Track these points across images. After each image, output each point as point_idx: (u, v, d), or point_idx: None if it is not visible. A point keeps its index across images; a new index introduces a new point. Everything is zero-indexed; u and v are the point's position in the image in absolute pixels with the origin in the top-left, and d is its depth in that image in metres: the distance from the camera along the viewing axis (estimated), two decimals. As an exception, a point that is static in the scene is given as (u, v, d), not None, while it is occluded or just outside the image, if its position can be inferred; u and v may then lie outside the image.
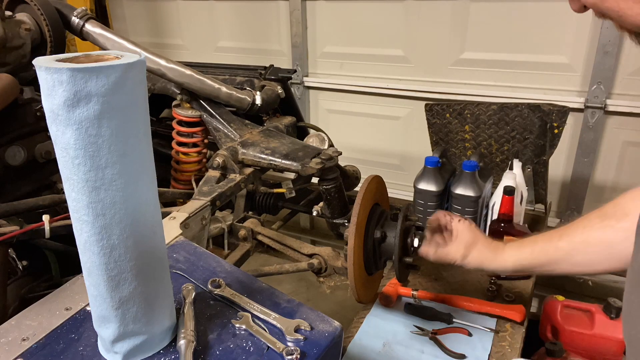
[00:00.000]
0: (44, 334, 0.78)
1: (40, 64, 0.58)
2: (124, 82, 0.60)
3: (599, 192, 2.48)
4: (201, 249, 1.02)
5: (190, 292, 0.85)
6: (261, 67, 1.85)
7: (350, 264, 1.19)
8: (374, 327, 1.44)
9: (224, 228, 1.47)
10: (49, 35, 1.42)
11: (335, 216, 1.51)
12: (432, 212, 1.76)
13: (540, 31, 2.35)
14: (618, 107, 2.28)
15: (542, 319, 1.80)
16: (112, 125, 0.61)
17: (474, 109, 2.05)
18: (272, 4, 3.03)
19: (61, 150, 0.62)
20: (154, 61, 1.49)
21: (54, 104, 0.59)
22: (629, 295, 0.73)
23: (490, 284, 1.54)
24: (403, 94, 2.78)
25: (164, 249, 0.76)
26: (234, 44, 3.28)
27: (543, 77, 2.42)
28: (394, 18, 2.68)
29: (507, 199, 1.62)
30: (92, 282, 0.70)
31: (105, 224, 0.65)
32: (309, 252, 1.45)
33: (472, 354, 1.31)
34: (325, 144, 1.64)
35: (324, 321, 0.83)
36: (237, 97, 1.64)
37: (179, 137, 1.65)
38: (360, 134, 3.02)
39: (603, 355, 1.64)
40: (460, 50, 2.58)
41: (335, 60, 2.96)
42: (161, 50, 2.60)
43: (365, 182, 1.25)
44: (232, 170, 1.44)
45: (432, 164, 1.76)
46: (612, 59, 2.21)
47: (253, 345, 0.77)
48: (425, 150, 2.24)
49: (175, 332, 0.79)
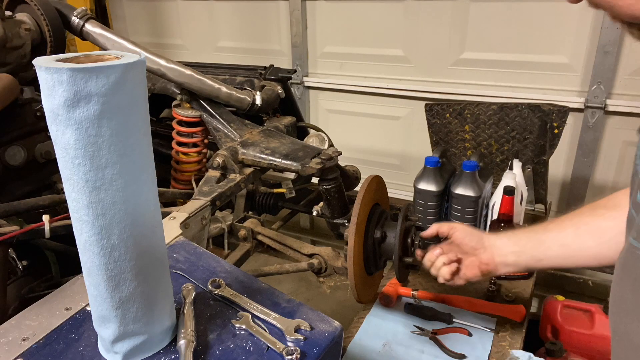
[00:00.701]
0: (44, 334, 0.78)
1: (40, 64, 0.58)
2: (124, 82, 0.60)
3: (599, 192, 2.48)
4: (201, 249, 1.02)
5: (190, 292, 0.85)
6: (261, 67, 1.85)
7: (350, 264, 1.19)
8: (374, 327, 1.44)
9: (224, 228, 1.47)
10: (49, 35, 1.42)
11: (335, 216, 1.51)
12: (432, 212, 1.78)
13: (540, 31, 2.35)
14: (618, 107, 2.28)
15: (542, 319, 1.81)
16: (112, 125, 0.61)
17: (474, 109, 2.05)
18: (272, 4, 3.03)
19: (61, 150, 0.62)
20: (154, 61, 1.49)
21: (54, 104, 0.59)
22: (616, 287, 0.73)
23: (490, 284, 1.54)
24: (403, 94, 2.78)
25: (164, 249, 0.76)
26: (234, 44, 3.28)
27: (543, 77, 2.42)
28: (394, 18, 2.68)
29: (507, 199, 1.62)
30: (92, 282, 0.69)
31: (105, 224, 0.65)
32: (309, 252, 1.46)
33: (472, 354, 1.31)
34: (325, 144, 1.64)
35: (324, 321, 0.83)
36: (237, 97, 1.64)
37: (179, 137, 1.65)
38: (360, 134, 3.02)
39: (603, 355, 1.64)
40: (460, 50, 2.58)
41: (335, 60, 2.96)
42: (161, 50, 2.60)
43: (365, 182, 1.25)
44: (232, 170, 1.44)
45: (432, 164, 1.76)
46: (612, 59, 2.21)
47: (253, 345, 0.77)
48: (425, 150, 2.24)
49: (175, 332, 0.79)
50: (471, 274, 1.16)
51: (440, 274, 1.16)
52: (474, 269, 1.16)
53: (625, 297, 0.70)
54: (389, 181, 1.45)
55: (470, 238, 1.16)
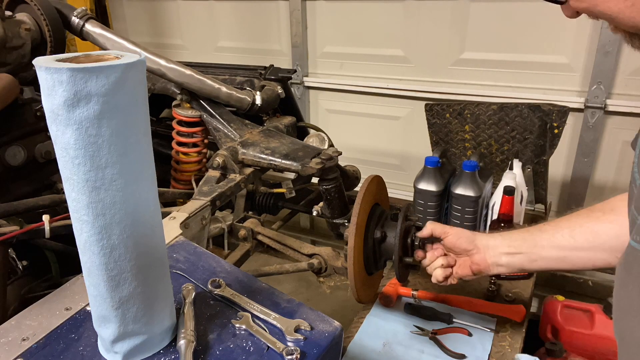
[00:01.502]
0: (44, 334, 0.78)
1: (40, 64, 0.58)
2: (124, 82, 0.60)
3: (599, 192, 2.48)
4: (201, 249, 1.02)
5: (190, 292, 0.85)
6: (261, 67, 1.85)
7: (350, 264, 1.19)
8: (374, 327, 1.44)
9: (224, 228, 1.47)
10: (49, 35, 1.42)
11: (335, 216, 1.51)
12: (432, 212, 1.78)
13: (540, 31, 2.35)
14: (618, 107, 2.28)
15: (542, 319, 1.81)
16: (112, 125, 0.61)
17: (474, 109, 2.05)
18: (272, 4, 3.03)
19: (61, 150, 0.62)
20: (154, 61, 1.49)
21: (54, 104, 0.59)
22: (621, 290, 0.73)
23: (490, 284, 1.54)
24: (403, 94, 2.78)
25: (164, 249, 0.76)
26: (234, 44, 3.28)
27: (543, 77, 2.42)
28: (393, 18, 2.68)
29: (507, 199, 1.62)
30: (92, 282, 0.69)
31: (105, 224, 0.65)
32: (309, 252, 1.45)
33: (472, 354, 1.31)
34: (325, 144, 1.64)
35: (324, 321, 0.83)
36: (237, 97, 1.64)
37: (179, 137, 1.65)
38: (360, 134, 3.02)
39: (603, 355, 1.64)
40: (460, 50, 2.58)
41: (335, 60, 2.96)
42: (161, 50, 2.60)
43: (365, 182, 1.25)
44: (232, 170, 1.44)
45: (432, 164, 1.76)
46: (612, 59, 2.21)
47: (253, 345, 0.77)
48: (425, 150, 2.24)
49: (175, 332, 0.79)
50: (462, 272, 1.18)
51: (434, 275, 1.18)
52: (465, 269, 1.18)
53: (633, 299, 0.70)
54: (389, 181, 1.45)
55: (462, 241, 1.17)
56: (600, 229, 1.00)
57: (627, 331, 0.72)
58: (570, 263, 1.07)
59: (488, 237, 1.18)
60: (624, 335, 0.73)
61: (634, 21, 0.62)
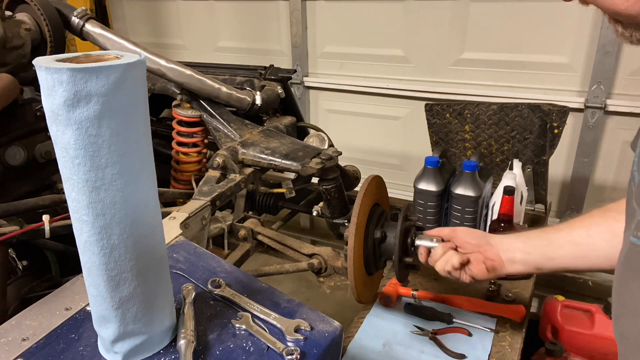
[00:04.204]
0: (44, 334, 0.78)
1: (40, 64, 0.58)
2: (124, 82, 0.60)
3: (599, 192, 2.48)
4: (201, 249, 1.02)
5: (190, 292, 0.85)
6: (261, 67, 1.85)
7: (350, 264, 1.19)
8: (374, 327, 1.44)
9: (224, 228, 1.47)
10: (49, 35, 1.42)
11: (335, 216, 1.51)
12: (432, 212, 1.78)
13: (540, 31, 2.35)
14: (618, 107, 2.28)
15: (542, 319, 1.80)
16: (112, 125, 0.61)
17: (474, 109, 2.05)
18: (272, 4, 3.03)
19: (61, 150, 0.62)
20: (154, 61, 1.49)
21: (54, 104, 0.59)
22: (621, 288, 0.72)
23: (490, 284, 1.54)
24: (403, 94, 2.78)
25: (164, 249, 0.76)
26: (234, 44, 3.27)
27: (543, 77, 2.42)
28: (393, 18, 2.68)
29: (507, 199, 1.62)
30: (92, 282, 0.70)
31: (105, 224, 0.65)
32: (309, 252, 1.45)
33: (472, 354, 1.31)
34: (325, 144, 1.64)
35: (324, 321, 0.83)
36: (237, 97, 1.64)
37: (179, 137, 1.65)
38: (360, 134, 3.02)
39: (603, 355, 1.64)
40: (460, 50, 2.58)
41: (335, 60, 2.96)
42: (161, 50, 2.60)
43: (365, 182, 1.25)
44: (232, 170, 1.44)
45: (432, 164, 1.76)
46: (612, 59, 2.21)
47: (253, 345, 0.77)
48: (425, 150, 2.24)
49: (175, 332, 0.79)
50: (477, 270, 1.12)
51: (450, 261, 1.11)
52: (479, 264, 1.12)
53: (633, 297, 0.69)
54: (389, 181, 1.45)
55: (472, 236, 1.15)
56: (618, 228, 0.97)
57: (627, 328, 0.71)
58: (588, 262, 1.04)
59: (501, 235, 1.16)
60: (624, 332, 0.72)
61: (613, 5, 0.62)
